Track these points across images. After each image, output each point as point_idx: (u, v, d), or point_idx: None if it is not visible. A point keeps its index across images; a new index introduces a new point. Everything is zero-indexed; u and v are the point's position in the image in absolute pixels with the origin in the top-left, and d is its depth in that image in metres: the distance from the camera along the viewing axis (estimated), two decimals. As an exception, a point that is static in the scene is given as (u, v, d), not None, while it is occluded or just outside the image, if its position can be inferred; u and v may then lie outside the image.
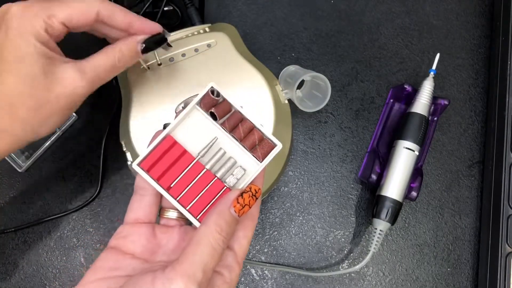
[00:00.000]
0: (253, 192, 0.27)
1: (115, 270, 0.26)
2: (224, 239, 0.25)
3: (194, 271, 0.23)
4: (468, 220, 0.47)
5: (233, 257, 0.27)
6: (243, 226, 0.28)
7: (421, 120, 0.44)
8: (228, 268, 0.27)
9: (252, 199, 0.27)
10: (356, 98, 0.49)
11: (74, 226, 0.46)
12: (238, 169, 0.29)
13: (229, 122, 0.29)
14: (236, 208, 0.26)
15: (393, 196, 0.43)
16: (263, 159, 0.29)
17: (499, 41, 0.48)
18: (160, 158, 0.28)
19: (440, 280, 0.46)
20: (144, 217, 0.29)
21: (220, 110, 0.29)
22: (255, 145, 0.29)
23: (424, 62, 0.50)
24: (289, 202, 0.47)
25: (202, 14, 0.47)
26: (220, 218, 0.26)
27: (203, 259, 0.24)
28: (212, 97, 0.29)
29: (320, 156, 0.48)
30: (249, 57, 0.42)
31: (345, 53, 0.50)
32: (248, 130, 0.29)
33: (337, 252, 0.46)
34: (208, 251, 0.24)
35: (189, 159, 0.29)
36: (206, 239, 0.25)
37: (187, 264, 0.23)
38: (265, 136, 0.29)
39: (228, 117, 0.29)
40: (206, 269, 0.24)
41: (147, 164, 0.28)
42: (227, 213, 0.26)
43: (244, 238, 0.28)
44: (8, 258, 0.45)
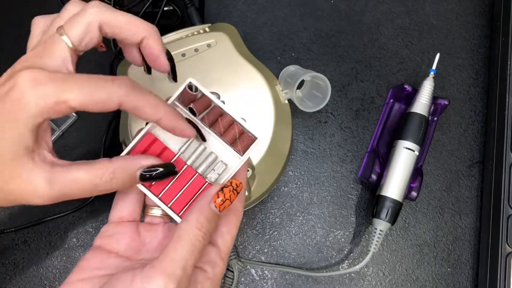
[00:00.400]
0: (234, 187, 0.27)
1: (100, 270, 0.26)
2: (204, 235, 0.25)
3: (174, 269, 0.23)
4: (468, 220, 0.47)
5: (217, 252, 0.27)
6: (227, 221, 0.28)
7: (421, 120, 0.44)
8: (211, 264, 0.26)
9: (233, 194, 0.27)
10: (356, 98, 0.49)
11: (74, 226, 0.46)
12: (219, 164, 0.29)
13: (208, 117, 0.29)
14: (216, 203, 0.26)
15: (393, 196, 0.43)
16: (243, 153, 0.29)
17: (499, 41, 0.48)
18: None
19: (440, 280, 0.46)
20: (128, 216, 0.29)
21: (199, 106, 0.29)
22: (235, 139, 0.29)
23: (424, 62, 0.50)
24: (289, 202, 0.47)
25: (202, 14, 0.47)
26: (200, 214, 0.25)
27: (183, 256, 0.24)
28: (190, 92, 0.29)
29: (320, 156, 0.48)
30: (249, 57, 0.42)
31: (345, 53, 0.50)
32: (228, 125, 0.29)
33: (337, 252, 0.46)
34: (188, 248, 0.24)
35: (169, 156, 0.29)
36: (186, 236, 0.25)
37: (166, 262, 0.23)
38: (245, 129, 0.29)
39: (207, 112, 0.29)
40: (186, 265, 0.24)
41: None
42: (207, 208, 0.26)
43: (227, 234, 0.28)
44: (8, 258, 0.45)
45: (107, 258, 0.27)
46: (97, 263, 0.27)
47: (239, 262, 0.45)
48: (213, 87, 0.40)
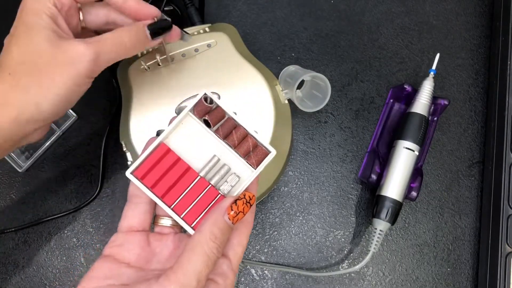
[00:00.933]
0: (247, 199, 0.27)
1: (110, 279, 0.26)
2: (218, 247, 0.25)
3: (189, 280, 0.23)
4: (468, 220, 0.47)
5: (228, 264, 0.27)
6: (238, 233, 0.28)
7: (421, 120, 0.44)
8: (223, 276, 0.26)
9: (246, 206, 0.27)
10: (356, 98, 0.49)
11: (74, 226, 0.46)
12: (232, 176, 0.29)
13: (222, 129, 0.29)
14: (230, 215, 0.26)
15: (393, 196, 0.43)
16: (257, 166, 0.29)
17: (499, 41, 0.48)
18: (153, 166, 0.28)
19: (440, 280, 0.46)
20: (138, 225, 0.29)
21: (214, 117, 0.29)
22: (249, 152, 0.29)
23: (424, 62, 0.50)
24: (289, 202, 0.47)
25: (202, 14, 0.47)
26: (214, 226, 0.25)
27: (197, 267, 0.24)
28: (206, 104, 0.29)
29: (320, 156, 0.48)
30: (249, 57, 0.42)
31: (345, 53, 0.50)
32: (242, 137, 0.29)
33: (337, 252, 0.46)
34: (202, 259, 0.24)
35: (183, 167, 0.28)
36: (200, 247, 0.25)
37: (181, 273, 0.23)
38: (259, 143, 0.29)
39: (221, 124, 0.29)
40: (200, 277, 0.24)
41: (141, 172, 0.28)
42: (221, 220, 0.26)
43: (238, 246, 0.28)
44: (8, 258, 0.45)
45: (117, 268, 0.27)
46: (107, 272, 0.27)
47: (239, 262, 0.45)
48: (213, 87, 0.40)
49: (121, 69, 0.42)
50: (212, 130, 0.29)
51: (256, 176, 0.29)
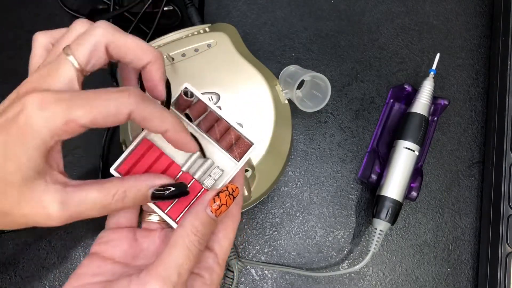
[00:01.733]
0: (230, 191, 0.27)
1: (97, 276, 0.26)
2: (200, 239, 0.25)
3: (169, 274, 0.23)
4: (468, 220, 0.47)
5: (214, 258, 0.27)
6: (224, 227, 0.28)
7: (421, 120, 0.44)
8: (209, 270, 0.27)
9: (229, 198, 0.27)
10: (356, 98, 0.49)
11: (74, 226, 0.46)
12: (215, 170, 0.29)
13: (204, 123, 0.29)
14: (212, 208, 0.26)
15: (393, 196, 0.43)
16: (240, 159, 0.29)
17: (499, 41, 0.48)
18: (137, 161, 0.28)
19: (440, 280, 0.46)
20: (125, 222, 0.29)
21: (195, 111, 0.29)
22: (231, 144, 0.29)
23: (424, 62, 0.50)
24: (289, 202, 0.47)
25: (202, 14, 0.47)
26: (196, 219, 0.26)
27: (178, 261, 0.24)
28: (186, 98, 0.29)
29: (320, 156, 0.48)
30: (249, 57, 0.42)
31: (345, 53, 0.50)
32: (224, 130, 0.29)
33: (337, 252, 0.46)
34: (183, 252, 0.24)
35: (166, 162, 0.28)
36: (182, 241, 0.25)
37: (162, 267, 0.24)
38: (241, 135, 0.29)
39: (203, 118, 0.29)
40: (181, 270, 0.24)
41: (125, 168, 0.28)
42: (202, 213, 0.26)
43: (224, 239, 0.28)
44: (8, 258, 0.45)
45: (104, 265, 0.27)
46: (94, 269, 0.27)
47: (239, 262, 0.45)
48: (213, 87, 0.40)
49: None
50: (194, 124, 0.29)
51: (240, 169, 0.29)
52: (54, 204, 0.24)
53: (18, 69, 0.48)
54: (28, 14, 0.50)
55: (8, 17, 0.50)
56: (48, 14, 0.49)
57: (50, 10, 0.49)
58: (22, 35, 0.49)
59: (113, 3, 0.45)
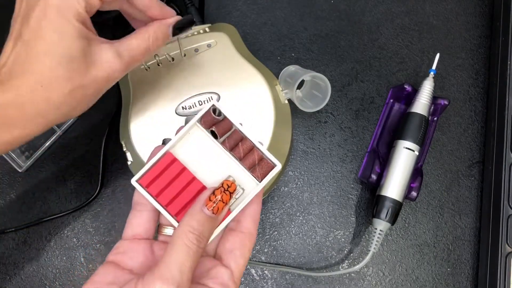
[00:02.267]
0: (225, 187, 0.27)
1: (112, 285, 0.26)
2: (198, 237, 0.25)
3: (172, 273, 0.24)
4: (468, 220, 0.47)
5: (229, 275, 0.27)
6: (241, 245, 0.28)
7: (421, 120, 0.44)
8: (224, 286, 0.27)
9: (225, 194, 0.27)
10: (356, 98, 0.49)
11: (74, 226, 0.46)
12: (237, 189, 0.29)
13: (229, 141, 0.29)
14: (208, 205, 0.26)
15: (393, 196, 0.43)
16: (262, 179, 0.29)
17: (499, 41, 0.48)
18: (159, 174, 0.28)
19: (440, 280, 0.46)
20: (142, 233, 0.29)
21: (221, 129, 0.29)
22: (254, 164, 0.29)
23: (424, 62, 0.50)
24: (289, 202, 0.47)
25: (202, 14, 0.47)
26: (191, 218, 0.26)
27: (179, 259, 0.24)
28: (213, 115, 0.29)
29: (320, 156, 0.48)
30: (249, 57, 0.42)
31: (345, 53, 0.50)
32: (248, 150, 0.29)
33: (337, 252, 0.46)
34: (182, 251, 0.25)
35: (188, 177, 0.29)
36: (180, 240, 0.25)
37: (164, 267, 0.24)
38: (264, 156, 0.29)
39: (228, 136, 0.29)
40: (183, 268, 0.24)
41: (146, 180, 0.28)
42: (198, 212, 0.26)
43: (241, 257, 0.28)
44: (8, 258, 0.45)
45: (121, 275, 0.27)
46: (111, 278, 0.27)
47: (239, 262, 0.45)
48: (213, 87, 0.40)
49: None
50: (218, 141, 0.29)
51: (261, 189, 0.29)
52: (113, 56, 0.30)
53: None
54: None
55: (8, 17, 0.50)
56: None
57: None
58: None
59: (113, 3, 0.45)
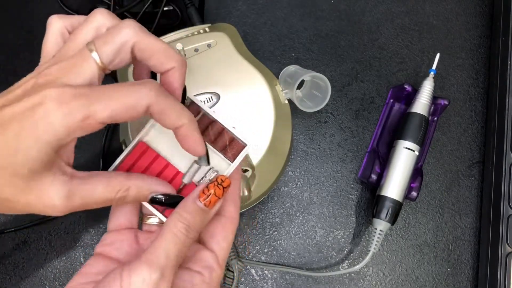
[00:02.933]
0: (219, 182, 0.27)
1: (101, 275, 0.26)
2: (187, 227, 0.26)
3: (157, 258, 0.24)
4: (468, 220, 0.47)
5: (214, 258, 0.28)
6: (223, 229, 0.28)
7: (421, 120, 0.44)
8: (209, 269, 0.27)
9: (218, 188, 0.27)
10: (356, 98, 0.49)
11: (74, 226, 0.46)
12: (210, 171, 0.29)
13: (199, 125, 0.29)
14: (201, 198, 0.27)
15: (393, 196, 0.43)
16: (234, 160, 0.29)
17: (499, 41, 0.48)
18: (133, 163, 0.29)
19: (440, 280, 0.46)
20: (126, 223, 0.30)
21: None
22: (225, 146, 0.30)
23: (424, 62, 0.50)
24: (289, 202, 0.47)
25: (202, 14, 0.47)
26: (182, 209, 0.26)
27: (166, 245, 0.25)
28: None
29: (320, 156, 0.48)
30: (249, 57, 0.42)
31: (345, 53, 0.50)
32: (218, 132, 0.30)
33: (337, 252, 0.46)
34: (170, 238, 0.25)
35: (162, 163, 0.29)
36: (168, 228, 0.25)
37: (150, 252, 0.24)
38: (234, 136, 0.30)
39: (197, 120, 0.29)
40: (169, 254, 0.24)
41: (122, 170, 0.29)
42: (190, 204, 0.27)
43: (223, 240, 0.28)
44: (8, 258, 0.45)
45: (109, 264, 0.28)
46: (99, 269, 0.27)
47: (239, 262, 0.45)
48: (213, 87, 0.40)
49: (121, 69, 0.42)
50: None
51: (235, 169, 0.29)
52: (60, 196, 0.24)
53: (17, 69, 0.48)
54: (28, 14, 0.50)
55: (8, 17, 0.50)
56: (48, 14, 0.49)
57: (50, 10, 0.49)
58: (22, 35, 0.49)
59: (113, 3, 0.45)
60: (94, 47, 0.24)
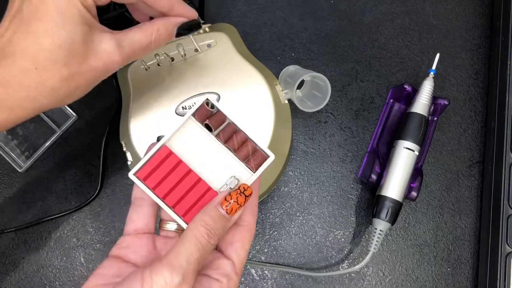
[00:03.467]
0: (241, 190, 0.28)
1: (117, 277, 0.26)
2: (210, 232, 0.26)
3: (179, 261, 0.24)
4: (468, 220, 0.47)
5: (231, 266, 0.28)
6: (241, 238, 0.29)
7: (421, 120, 0.44)
8: (227, 277, 0.27)
9: (241, 196, 0.28)
10: (356, 98, 0.49)
11: (74, 226, 0.46)
12: (231, 179, 0.30)
13: (223, 134, 0.30)
14: (224, 205, 0.27)
15: (393, 196, 0.43)
16: (256, 170, 0.29)
17: (499, 41, 0.48)
18: (155, 168, 0.29)
19: (440, 280, 0.46)
20: (144, 228, 0.30)
21: (215, 122, 0.30)
22: (248, 156, 0.30)
23: (424, 62, 0.50)
24: (289, 202, 0.47)
25: (202, 14, 0.47)
26: (205, 215, 0.27)
27: (188, 250, 0.25)
28: (207, 108, 0.30)
29: (320, 156, 0.48)
30: (249, 57, 0.42)
31: (345, 53, 0.50)
32: (241, 141, 0.30)
33: (337, 252, 0.46)
34: (192, 242, 0.25)
35: (184, 170, 0.29)
36: (191, 233, 0.26)
37: (172, 256, 0.25)
38: (258, 147, 0.30)
39: (222, 128, 0.30)
40: (190, 259, 0.25)
41: (143, 173, 0.29)
42: (212, 210, 0.27)
43: (241, 249, 0.29)
44: (8, 258, 0.45)
45: (125, 267, 0.28)
46: (115, 271, 0.27)
47: (239, 262, 0.45)
48: (213, 87, 0.40)
49: (121, 69, 0.42)
50: (213, 134, 0.30)
51: (255, 180, 0.29)
52: (113, 47, 0.29)
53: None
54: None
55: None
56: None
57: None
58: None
59: (113, 3, 0.45)
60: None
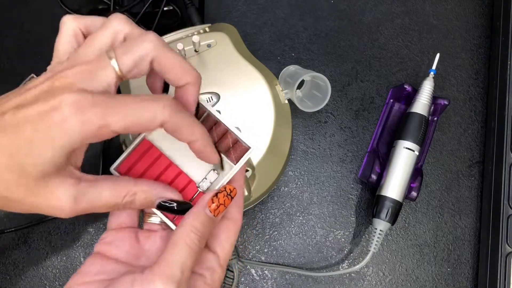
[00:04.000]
0: (228, 192, 0.27)
1: (100, 275, 0.26)
2: (200, 238, 0.26)
3: (172, 271, 0.24)
4: (468, 220, 0.47)
5: (216, 259, 0.28)
6: (226, 230, 0.28)
7: (421, 120, 0.44)
8: (210, 270, 0.27)
9: (227, 198, 0.27)
10: (356, 98, 0.49)
11: (74, 226, 0.46)
12: (211, 173, 0.29)
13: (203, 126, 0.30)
14: (211, 208, 0.27)
15: (393, 196, 0.43)
16: (237, 162, 0.29)
17: (499, 41, 0.48)
18: (136, 161, 0.29)
19: (440, 280, 0.46)
20: (126, 222, 0.30)
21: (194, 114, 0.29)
22: (229, 148, 0.29)
23: (424, 62, 0.50)
24: (289, 202, 0.47)
25: (202, 14, 0.47)
26: (195, 219, 0.26)
27: (181, 258, 0.24)
28: None
29: (320, 156, 0.48)
30: (249, 57, 0.42)
31: (345, 53, 0.50)
32: (221, 133, 0.30)
33: (337, 252, 0.46)
34: (185, 250, 0.25)
35: (164, 163, 0.29)
36: (182, 240, 0.25)
37: (165, 265, 0.24)
38: (239, 139, 0.29)
39: (201, 120, 0.30)
40: (184, 267, 0.24)
41: (124, 167, 0.28)
42: (202, 213, 0.27)
43: (226, 242, 0.28)
44: (8, 258, 0.45)
45: (107, 264, 0.27)
46: (98, 268, 0.27)
47: (239, 262, 0.45)
48: (213, 87, 0.40)
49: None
50: None
51: (238, 172, 0.29)
52: (68, 199, 0.24)
53: (17, 69, 0.48)
54: (28, 13, 0.50)
55: (8, 17, 0.50)
56: (48, 14, 0.49)
57: (50, 10, 0.49)
58: (22, 35, 0.49)
59: (113, 3, 0.45)
60: (114, 55, 0.24)
